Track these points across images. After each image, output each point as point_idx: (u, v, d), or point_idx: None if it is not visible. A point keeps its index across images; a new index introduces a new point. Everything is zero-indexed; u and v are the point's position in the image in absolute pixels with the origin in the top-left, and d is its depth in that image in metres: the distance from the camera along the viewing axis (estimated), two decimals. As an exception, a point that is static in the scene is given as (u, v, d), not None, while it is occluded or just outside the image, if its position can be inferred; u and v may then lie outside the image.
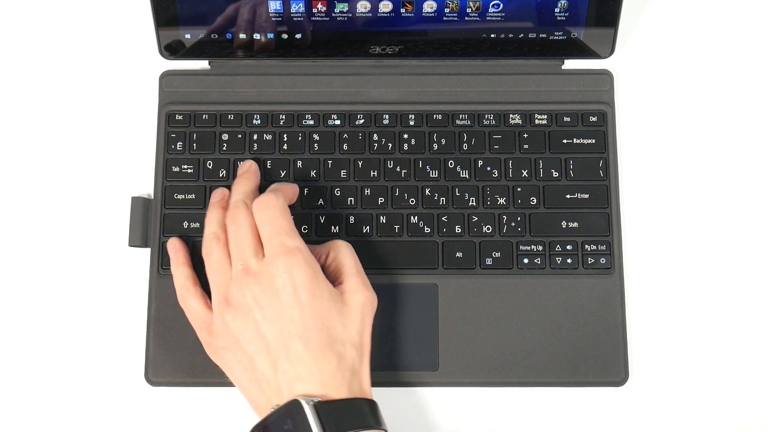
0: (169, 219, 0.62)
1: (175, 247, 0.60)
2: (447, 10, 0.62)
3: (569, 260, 0.62)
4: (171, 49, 0.64)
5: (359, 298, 0.55)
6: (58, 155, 0.65)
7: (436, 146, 0.63)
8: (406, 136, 0.64)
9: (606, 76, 0.65)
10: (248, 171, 0.61)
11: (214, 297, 0.56)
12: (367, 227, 0.62)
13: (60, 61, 0.67)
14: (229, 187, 0.61)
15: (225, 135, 0.64)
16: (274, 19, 0.63)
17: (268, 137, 0.64)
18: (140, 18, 0.66)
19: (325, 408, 0.50)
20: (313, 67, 0.65)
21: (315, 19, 0.63)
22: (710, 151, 0.65)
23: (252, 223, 0.55)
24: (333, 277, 0.56)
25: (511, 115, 0.64)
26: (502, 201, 0.62)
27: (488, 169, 0.63)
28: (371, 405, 0.52)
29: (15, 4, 0.68)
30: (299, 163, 0.63)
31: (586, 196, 0.63)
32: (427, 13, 0.62)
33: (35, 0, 0.68)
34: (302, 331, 0.52)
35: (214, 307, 0.56)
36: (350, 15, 0.62)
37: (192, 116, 0.64)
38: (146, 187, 0.64)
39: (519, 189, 0.63)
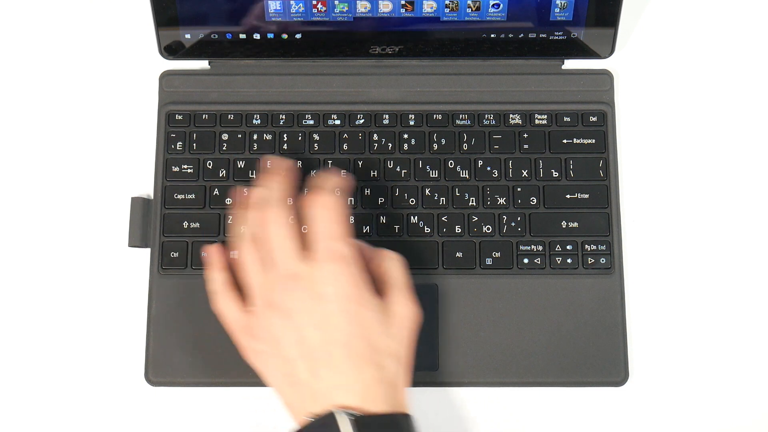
0: (169, 219, 0.62)
1: (213, 252, 0.58)
2: (447, 10, 0.62)
3: (569, 260, 0.62)
4: (171, 49, 0.64)
5: (404, 311, 0.54)
6: (59, 155, 0.65)
7: (436, 146, 0.63)
8: (406, 136, 0.64)
9: (606, 76, 0.65)
10: (274, 166, 0.59)
11: (254, 299, 0.54)
12: (367, 227, 0.62)
13: (60, 61, 0.67)
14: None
15: (225, 135, 0.64)
16: (274, 19, 0.63)
17: (268, 137, 0.64)
18: (140, 18, 0.66)
19: (362, 422, 0.49)
20: (313, 67, 0.65)
21: (315, 19, 0.63)
22: (710, 150, 0.65)
23: (286, 224, 0.54)
24: (377, 287, 0.55)
25: (511, 115, 0.64)
26: (502, 201, 0.62)
27: (488, 169, 0.63)
28: (408, 420, 0.51)
29: (15, 4, 0.68)
30: (299, 163, 0.63)
31: (586, 196, 0.63)
32: (427, 13, 0.62)
33: (35, 0, 0.68)
34: (345, 340, 0.51)
35: (254, 310, 0.54)
36: (350, 15, 0.62)
37: (192, 116, 0.64)
38: (146, 187, 0.64)
39: (519, 189, 0.63)
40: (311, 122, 0.64)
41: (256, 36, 0.64)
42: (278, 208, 0.54)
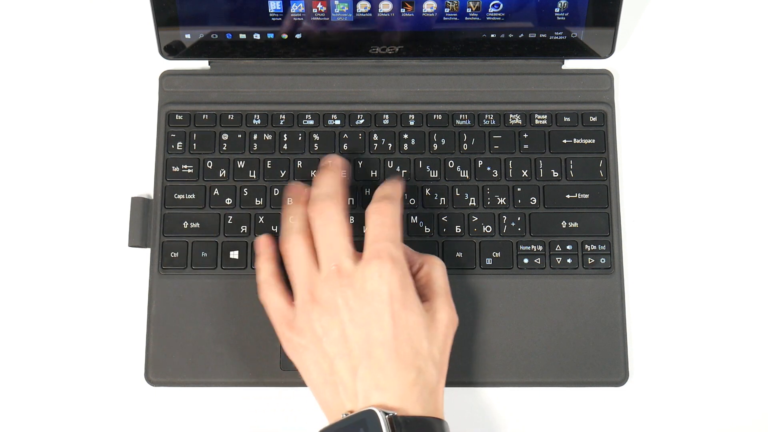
0: (169, 219, 0.62)
1: (264, 243, 0.57)
2: (447, 10, 0.62)
3: (569, 260, 0.62)
4: (171, 49, 0.64)
5: (446, 317, 0.54)
6: (59, 155, 0.65)
7: (436, 146, 0.63)
8: (406, 136, 0.64)
9: (606, 76, 0.65)
10: (333, 164, 0.58)
11: (298, 294, 0.54)
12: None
13: (60, 61, 0.67)
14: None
15: (225, 135, 0.64)
16: (273, 19, 0.63)
17: (268, 137, 0.64)
18: (140, 18, 0.66)
19: (399, 422, 0.49)
20: (313, 67, 0.65)
21: (315, 19, 0.63)
22: (710, 150, 0.65)
23: (341, 221, 0.54)
24: (420, 291, 0.55)
25: (511, 115, 0.64)
26: (502, 201, 0.62)
27: (488, 169, 0.63)
28: (442, 425, 0.51)
29: (15, 4, 0.68)
30: (299, 163, 0.63)
31: (586, 196, 0.63)
32: (427, 13, 0.62)
33: (35, 0, 0.68)
34: (388, 340, 0.51)
35: (298, 304, 0.54)
36: (350, 15, 0.62)
37: (192, 116, 0.64)
38: (146, 187, 0.64)
39: (519, 189, 0.63)
40: (311, 122, 0.64)
41: (256, 36, 0.64)
42: (333, 203, 0.54)
